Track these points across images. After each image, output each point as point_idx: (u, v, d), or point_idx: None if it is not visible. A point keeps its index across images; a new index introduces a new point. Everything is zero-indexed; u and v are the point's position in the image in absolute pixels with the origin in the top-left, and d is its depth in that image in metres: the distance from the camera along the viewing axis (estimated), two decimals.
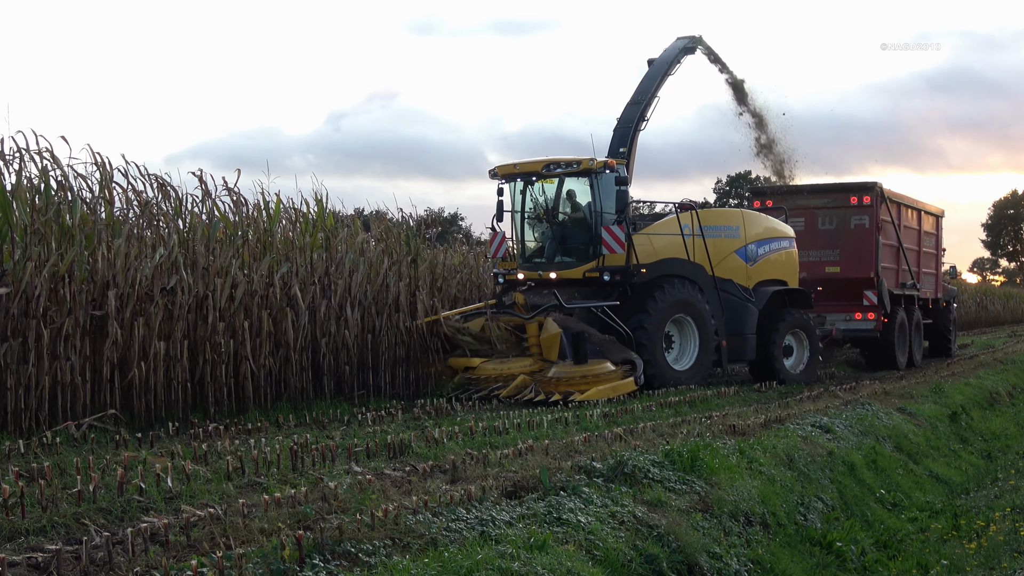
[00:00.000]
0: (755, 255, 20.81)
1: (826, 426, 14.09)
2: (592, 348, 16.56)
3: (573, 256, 18.76)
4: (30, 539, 6.86)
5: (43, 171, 12.38)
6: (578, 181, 18.76)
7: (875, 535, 11.36)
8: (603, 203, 18.27)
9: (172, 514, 7.51)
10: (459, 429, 11.94)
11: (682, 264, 18.94)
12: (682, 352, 18.63)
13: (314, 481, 8.76)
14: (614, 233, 17.92)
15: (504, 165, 19.08)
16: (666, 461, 10.11)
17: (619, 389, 16.18)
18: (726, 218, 20.90)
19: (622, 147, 20.78)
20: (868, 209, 24.56)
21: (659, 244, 18.83)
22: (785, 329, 20.55)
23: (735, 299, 19.89)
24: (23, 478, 8.37)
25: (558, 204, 19.11)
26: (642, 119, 21.49)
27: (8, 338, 11.16)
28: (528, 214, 19.33)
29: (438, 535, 7.22)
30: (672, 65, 22.69)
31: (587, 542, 7.84)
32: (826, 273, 24.61)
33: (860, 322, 24.63)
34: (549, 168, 18.44)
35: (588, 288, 18.25)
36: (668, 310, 18.05)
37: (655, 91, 22.03)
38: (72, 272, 11.91)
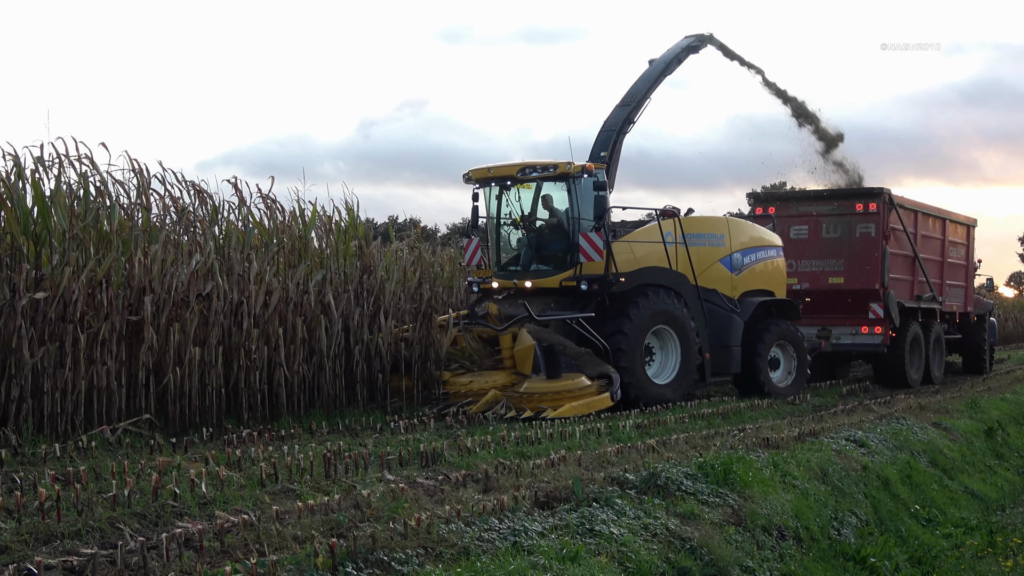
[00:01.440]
0: (740, 264, 19.91)
1: (860, 440, 14.00)
2: (567, 361, 15.86)
3: (550, 264, 17.92)
4: (65, 543, 6.90)
5: (82, 177, 12.48)
6: (555, 186, 17.94)
7: (909, 551, 11.28)
8: (581, 209, 17.42)
9: (206, 520, 7.54)
10: (491, 438, 11.93)
11: (663, 273, 18.12)
12: (663, 365, 17.75)
13: (347, 489, 8.78)
14: (592, 240, 17.07)
15: (478, 169, 18.15)
16: (699, 473, 10.09)
17: (594, 405, 15.31)
18: (710, 226, 19.75)
19: (604, 151, 19.90)
20: (874, 217, 23.20)
21: (640, 252, 17.97)
22: (771, 341, 19.70)
23: (719, 310, 19.07)
24: (59, 482, 8.45)
25: (535, 210, 18.26)
26: (629, 122, 20.64)
27: (46, 342, 11.23)
28: (504, 220, 18.47)
29: (470, 545, 7.22)
30: (672, 65, 21.93)
31: (620, 554, 7.82)
32: (830, 284, 23.65)
33: (867, 336, 23.37)
34: (524, 172, 17.60)
35: (565, 298, 17.42)
36: (648, 321, 17.21)
37: (648, 92, 21.21)
38: (109, 277, 11.99)
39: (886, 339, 23.05)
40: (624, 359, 16.57)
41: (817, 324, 22.94)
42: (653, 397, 16.93)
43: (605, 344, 16.54)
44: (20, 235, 11.49)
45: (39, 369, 11.13)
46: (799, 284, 23.41)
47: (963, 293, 27.83)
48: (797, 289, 23.13)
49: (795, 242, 23.58)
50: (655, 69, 21.64)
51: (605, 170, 18.55)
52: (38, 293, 11.22)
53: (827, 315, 23.13)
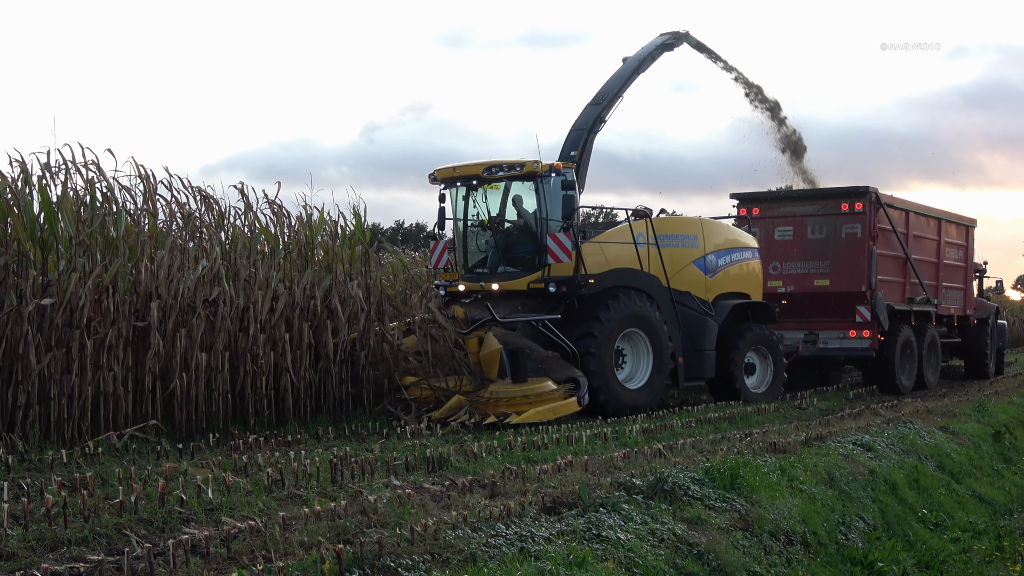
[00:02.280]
0: (715, 266, 19.50)
1: (867, 444, 13.97)
2: (533, 365, 15.39)
3: (517, 266, 17.42)
4: (72, 549, 6.91)
5: (89, 183, 12.51)
6: (524, 186, 17.47)
7: (917, 555, 11.24)
8: (549, 209, 16.95)
9: (213, 526, 7.55)
10: (498, 443, 11.93)
11: (634, 275, 17.66)
12: (635, 370, 17.28)
13: (354, 494, 8.78)
14: (560, 241, 16.59)
15: (443, 168, 17.68)
16: (706, 478, 10.08)
17: (560, 410, 14.89)
18: (683, 227, 19.37)
19: (574, 151, 19.48)
20: (860, 216, 22.59)
21: (611, 254, 17.54)
22: (747, 345, 19.29)
23: (693, 313, 18.64)
24: (66, 488, 8.45)
25: (504, 211, 17.83)
26: (599, 121, 20.25)
27: (52, 348, 11.25)
28: (471, 222, 17.97)
29: (477, 551, 7.21)
30: (645, 63, 21.59)
31: (627, 559, 7.81)
32: (815, 286, 23.04)
33: (854, 340, 22.73)
34: (490, 171, 17.10)
35: (533, 300, 16.97)
36: (619, 324, 16.78)
37: (621, 91, 20.87)
38: (116, 283, 12.00)
39: (874, 343, 22.50)
40: (593, 363, 16.19)
41: (804, 328, 22.70)
42: (624, 402, 16.54)
43: (573, 348, 16.17)
44: (27, 241, 11.52)
45: (46, 375, 11.15)
46: (784, 287, 23.09)
47: (962, 295, 27.23)
48: (782, 292, 22.87)
49: (780, 243, 23.32)
50: (628, 67, 21.35)
51: (575, 170, 18.19)
52: (45, 299, 11.23)
53: (814, 318, 22.75)
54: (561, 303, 16.85)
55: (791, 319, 22.60)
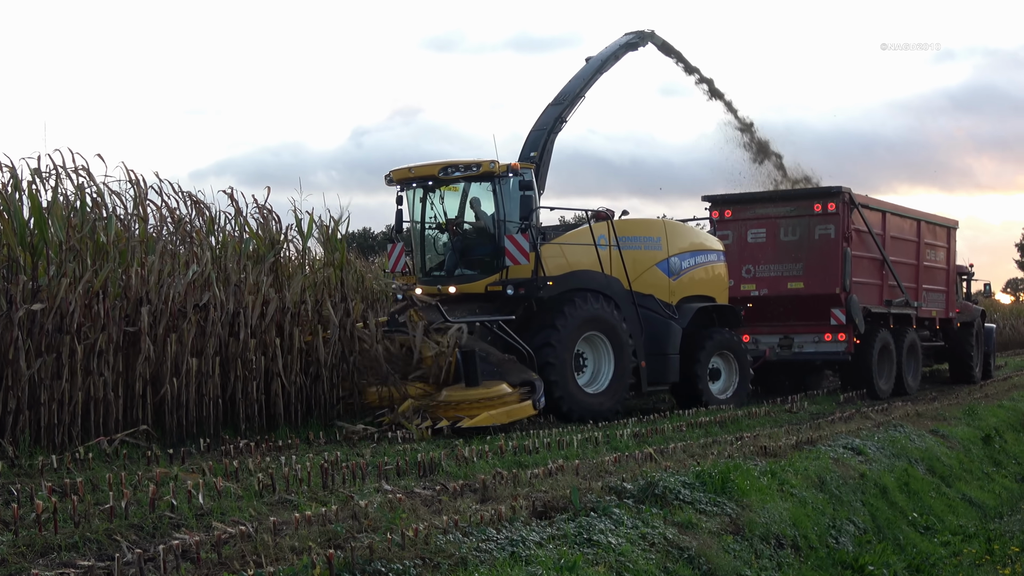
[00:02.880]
0: (679, 269, 19.09)
1: (858, 448, 14.01)
2: (488, 369, 14.94)
3: (475, 269, 17.08)
4: (63, 555, 6.88)
5: (79, 188, 12.50)
6: (482, 188, 17.21)
7: (907, 559, 11.28)
8: (507, 211, 16.65)
9: (203, 531, 7.53)
10: (489, 448, 11.92)
11: (594, 277, 17.29)
12: (596, 374, 16.96)
13: (344, 499, 8.77)
14: (518, 243, 16.26)
15: (399, 169, 17.36)
16: (697, 482, 10.09)
17: (515, 414, 14.51)
18: (646, 228, 18.95)
19: (533, 152, 19.26)
20: (833, 217, 22.10)
21: (571, 256, 17.21)
22: (712, 350, 18.87)
23: (656, 316, 18.25)
24: (56, 493, 8.44)
25: (462, 213, 17.50)
26: (560, 121, 19.98)
27: (42, 353, 11.22)
28: (428, 224, 17.68)
29: (468, 555, 7.21)
30: (608, 62, 21.34)
31: (618, 564, 7.83)
32: (788, 289, 22.52)
33: (830, 344, 22.17)
34: (446, 171, 16.79)
35: (491, 303, 16.64)
36: (579, 327, 16.45)
37: (582, 91, 20.58)
38: (106, 288, 11.98)
39: (850, 346, 22.09)
40: (553, 368, 15.90)
41: (778, 332, 22.36)
42: (584, 407, 16.26)
43: (529, 350, 15.84)
44: (17, 246, 11.49)
45: (36, 380, 11.12)
46: (757, 290, 22.74)
47: (944, 298, 26.87)
48: (756, 295, 22.60)
49: (753, 246, 22.93)
50: (590, 67, 21.05)
51: (534, 171, 17.94)
52: (35, 304, 11.21)
53: (788, 322, 22.39)
54: (520, 306, 16.54)
55: (765, 323, 22.39)
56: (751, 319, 22.01)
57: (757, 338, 22.36)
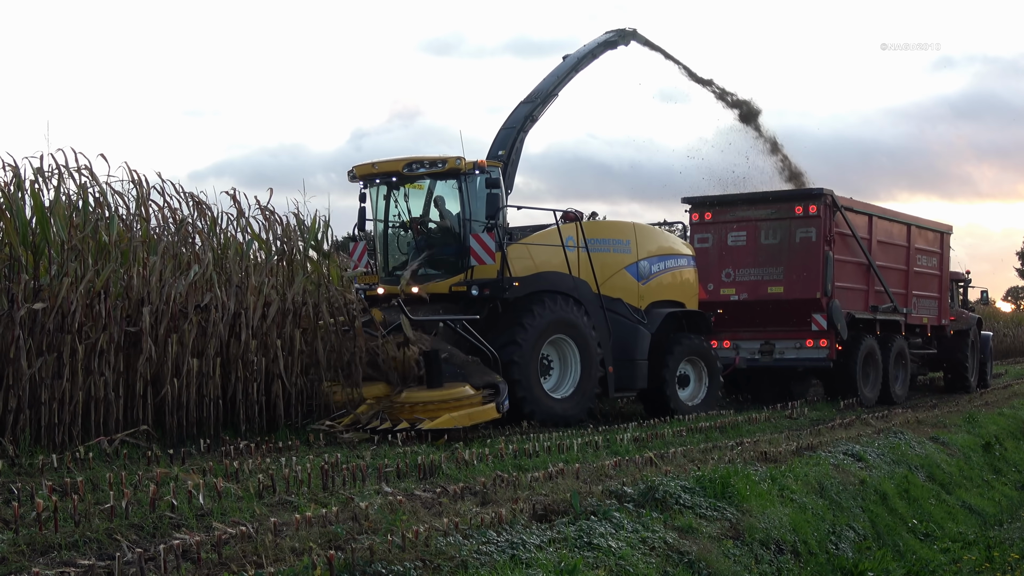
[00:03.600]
0: (648, 273, 18.67)
1: (858, 454, 14.00)
2: (451, 370, 14.55)
3: (440, 269, 16.55)
4: (63, 554, 6.89)
5: (81, 188, 12.51)
6: (448, 185, 16.70)
7: (907, 566, 11.27)
8: (473, 209, 16.20)
9: (204, 531, 7.54)
10: (489, 451, 11.94)
11: (562, 279, 16.80)
12: (562, 379, 16.52)
13: (345, 501, 8.78)
14: (484, 242, 15.81)
15: (362, 165, 16.89)
16: (697, 487, 10.10)
17: (477, 417, 14.03)
18: (615, 231, 18.52)
19: (502, 150, 18.70)
20: (815, 220, 21.45)
21: (539, 257, 16.74)
22: (680, 356, 18.38)
23: (624, 320, 17.82)
24: (56, 492, 8.45)
25: (428, 212, 17.02)
26: (531, 120, 19.42)
27: (43, 353, 11.22)
28: (392, 222, 17.18)
29: (468, 558, 7.22)
30: (585, 61, 20.84)
31: (618, 567, 7.84)
32: (768, 294, 21.82)
33: (811, 350, 21.53)
34: (411, 167, 16.27)
35: (455, 304, 16.13)
36: (545, 329, 16.00)
37: (556, 89, 20.05)
38: (108, 288, 11.98)
39: (832, 353, 21.42)
40: (517, 370, 15.48)
41: (759, 337, 21.86)
42: (549, 412, 15.86)
43: (494, 352, 15.37)
44: (19, 246, 11.49)
45: (37, 380, 11.12)
46: (737, 294, 22.14)
47: (936, 304, 26.24)
48: (736, 300, 22.03)
49: (733, 249, 22.31)
50: (566, 65, 20.59)
51: (502, 169, 17.56)
52: (36, 304, 11.22)
53: (769, 328, 21.82)
54: (484, 306, 16.04)
55: (746, 328, 21.94)
56: (732, 324, 21.67)
57: (738, 344, 21.99)
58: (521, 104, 19.61)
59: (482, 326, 15.68)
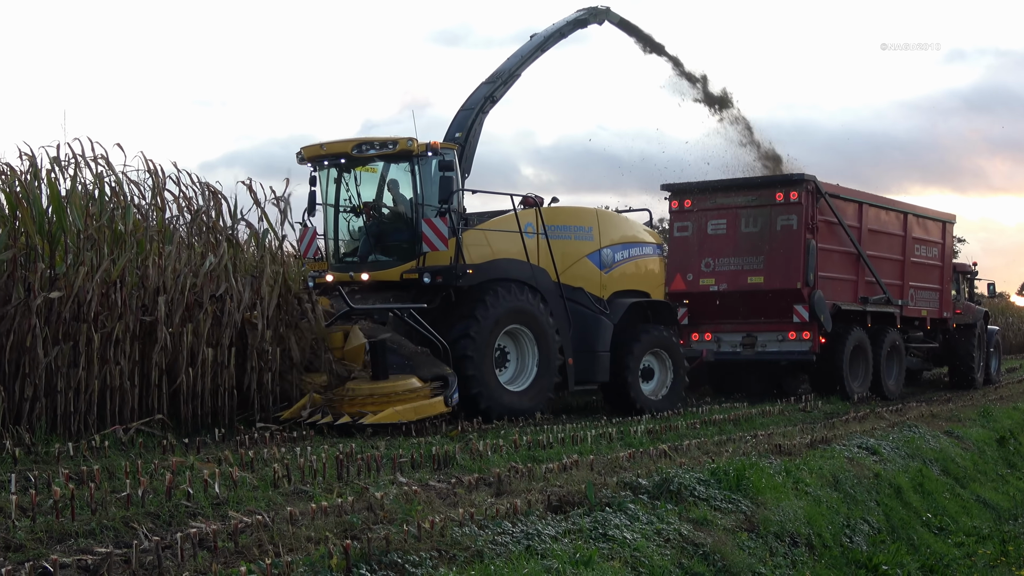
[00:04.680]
0: (611, 261, 17.95)
1: (872, 448, 13.99)
2: (399, 361, 13.98)
3: (391, 255, 15.79)
4: (80, 541, 6.92)
5: (97, 177, 12.54)
6: (400, 169, 15.92)
7: (921, 559, 11.26)
8: (425, 193, 15.47)
9: (219, 520, 7.55)
10: (503, 442, 11.94)
11: (519, 267, 16.05)
12: (519, 371, 15.82)
13: (360, 491, 8.78)
14: (436, 227, 15.11)
15: (310, 146, 16.03)
16: (712, 479, 10.09)
17: (424, 411, 13.47)
18: (577, 217, 17.78)
19: (459, 132, 17.80)
20: (796, 207, 20.47)
21: (497, 244, 16.06)
22: (644, 348, 17.46)
23: (585, 311, 17.06)
24: (73, 481, 8.46)
25: (381, 197, 16.23)
26: (491, 100, 18.46)
27: (59, 341, 11.29)
28: (343, 207, 16.32)
29: (484, 548, 7.23)
30: (552, 39, 19.84)
31: (633, 559, 7.83)
32: (748, 284, 20.91)
33: (794, 343, 20.63)
34: (360, 148, 15.50)
35: (407, 292, 15.42)
36: (501, 319, 15.26)
37: (519, 68, 19.02)
38: (123, 278, 12.03)
39: (815, 346, 20.51)
40: (471, 362, 14.80)
41: (741, 330, 21.13)
42: (505, 406, 15.13)
43: (444, 343, 14.66)
44: (35, 235, 11.54)
45: (53, 368, 11.19)
46: (717, 285, 21.23)
47: (937, 296, 25.20)
48: (715, 291, 21.20)
49: (713, 238, 21.45)
50: (532, 44, 19.63)
51: (459, 152, 16.97)
52: (53, 292, 11.28)
53: (751, 320, 21.03)
54: (437, 295, 15.34)
55: (728, 320, 21.25)
56: (713, 316, 21.16)
57: (719, 336, 21.31)
58: (482, 84, 18.76)
59: (436, 316, 15.10)
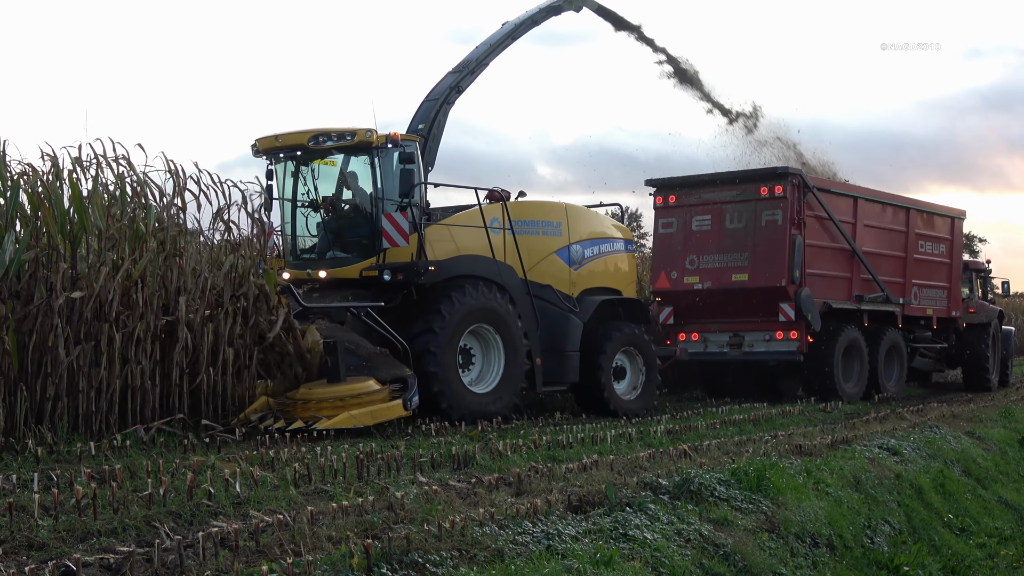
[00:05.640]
0: (581, 258, 17.40)
1: (893, 448, 13.95)
2: (356, 362, 13.41)
3: (351, 251, 15.12)
4: (102, 540, 6.96)
5: (119, 177, 12.59)
6: (360, 161, 15.30)
7: (943, 560, 11.24)
8: (386, 187, 14.86)
9: (240, 519, 7.61)
10: (523, 442, 11.96)
11: (484, 263, 15.48)
12: (484, 371, 15.25)
13: (380, 490, 8.81)
14: (396, 223, 14.57)
15: (265, 138, 15.35)
16: (732, 480, 10.10)
17: (380, 415, 12.90)
18: (545, 212, 17.18)
19: (422, 123, 17.09)
20: (780, 202, 19.85)
21: (462, 240, 15.49)
22: (616, 347, 16.97)
23: (554, 309, 16.53)
24: (95, 480, 8.53)
25: (342, 192, 15.62)
26: (456, 91, 17.73)
27: (81, 341, 11.33)
28: (300, 201, 15.62)
29: (504, 547, 7.25)
30: (524, 27, 19.15)
31: (653, 559, 7.84)
32: (733, 282, 20.27)
33: (781, 342, 20.02)
34: (317, 140, 14.84)
35: (367, 290, 14.81)
36: (464, 318, 14.68)
37: (487, 57, 18.35)
38: (144, 277, 12.07)
39: (803, 345, 19.90)
40: (432, 359, 14.20)
41: (728, 329, 20.55)
42: (469, 408, 14.53)
43: (404, 343, 14.04)
44: (57, 235, 11.59)
45: (75, 368, 11.23)
46: (701, 283, 20.57)
47: (945, 295, 24.33)
48: (699, 289, 20.54)
49: (697, 235, 20.83)
50: (502, 32, 18.90)
51: (422, 144, 16.27)
52: (74, 292, 11.32)
53: (737, 319, 20.44)
54: (397, 293, 14.71)
55: (715, 320, 20.68)
56: (700, 316, 20.70)
57: (706, 336, 20.84)
58: (448, 74, 18.03)
59: (397, 315, 14.58)
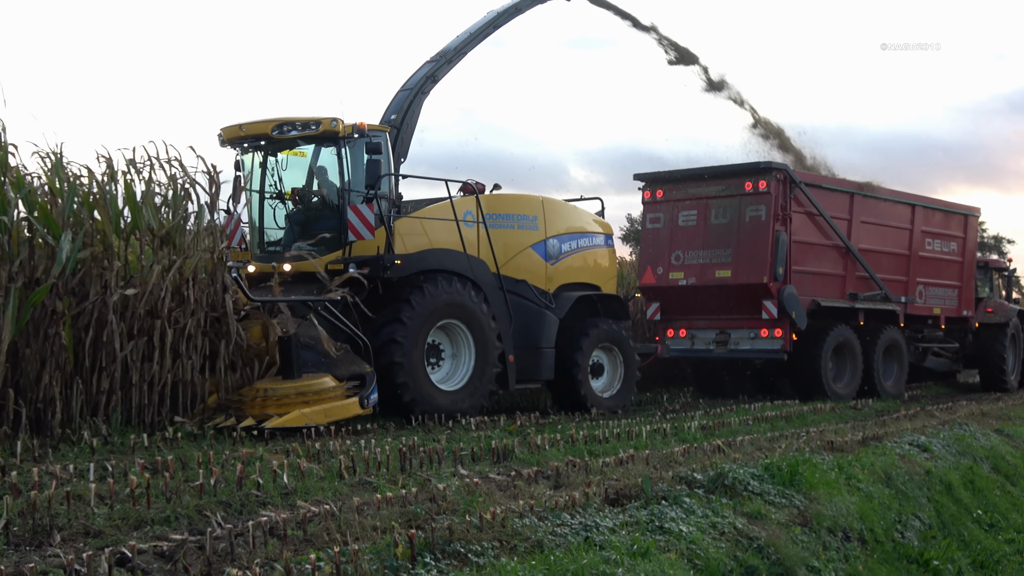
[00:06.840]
0: (558, 252, 16.96)
1: (924, 445, 14.06)
2: (314, 358, 13.01)
3: (317, 245, 14.40)
4: (155, 528, 7.22)
5: (171, 179, 12.87)
6: (329, 153, 14.86)
7: (972, 555, 11.37)
8: (353, 178, 14.46)
9: (288, 509, 7.84)
10: (560, 436, 12.16)
11: (454, 257, 15.02)
12: (454, 369, 14.89)
13: (422, 482, 9.04)
14: (362, 215, 14.08)
15: (229, 127, 14.84)
16: (765, 474, 10.23)
17: (335, 413, 12.50)
18: (520, 206, 16.64)
19: (395, 114, 16.57)
20: (765, 197, 19.35)
21: (435, 233, 15.06)
22: (593, 343, 16.62)
23: (529, 305, 16.13)
24: (148, 470, 8.81)
25: (310, 183, 15.16)
26: (431, 80, 17.13)
27: (135, 336, 11.65)
28: (268, 193, 15.09)
29: (544, 539, 7.42)
30: (506, 15, 18.50)
31: (688, 551, 7.99)
32: (716, 278, 19.86)
33: (766, 340, 19.58)
34: (281, 129, 14.39)
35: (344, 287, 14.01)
36: (433, 313, 14.27)
37: (465, 48, 17.70)
38: (195, 275, 12.37)
39: (787, 344, 19.45)
40: (399, 352, 13.82)
41: (715, 327, 20.19)
42: (436, 405, 14.12)
43: (364, 339, 13.59)
44: (112, 234, 11.89)
45: (128, 362, 11.54)
46: (685, 279, 20.22)
47: (956, 294, 23.74)
48: (683, 285, 20.22)
49: (683, 230, 20.43)
50: (484, 20, 18.21)
51: (393, 135, 15.87)
52: (128, 289, 11.62)
53: (723, 316, 20.06)
54: (363, 288, 14.05)
55: (701, 317, 20.36)
56: (686, 312, 20.41)
57: (694, 333, 20.51)
58: (424, 64, 17.43)
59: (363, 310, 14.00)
